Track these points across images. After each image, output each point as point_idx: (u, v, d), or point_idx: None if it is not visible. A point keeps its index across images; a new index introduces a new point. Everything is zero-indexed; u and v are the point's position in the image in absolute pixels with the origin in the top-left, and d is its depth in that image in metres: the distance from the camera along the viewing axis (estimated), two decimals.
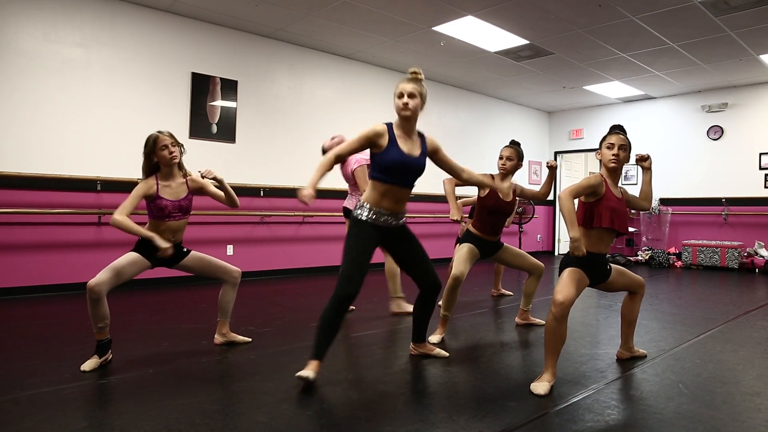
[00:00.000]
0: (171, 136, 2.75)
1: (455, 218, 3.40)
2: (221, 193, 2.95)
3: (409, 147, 2.50)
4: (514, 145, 3.50)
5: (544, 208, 10.07)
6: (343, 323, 2.39)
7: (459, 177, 2.81)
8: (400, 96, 2.45)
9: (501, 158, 3.45)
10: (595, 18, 5.34)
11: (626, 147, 2.55)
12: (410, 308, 4.00)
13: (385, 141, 2.45)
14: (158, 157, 2.73)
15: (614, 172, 2.58)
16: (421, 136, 2.60)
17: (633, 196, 2.76)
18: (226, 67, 5.81)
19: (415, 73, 2.51)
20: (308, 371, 2.32)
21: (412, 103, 2.46)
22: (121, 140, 5.08)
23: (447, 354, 2.86)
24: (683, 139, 8.52)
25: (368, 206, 2.49)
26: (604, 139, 2.59)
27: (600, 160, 2.62)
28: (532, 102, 9.46)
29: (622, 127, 2.64)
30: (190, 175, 2.88)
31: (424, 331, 2.83)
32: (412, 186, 2.55)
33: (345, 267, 2.40)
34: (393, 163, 2.43)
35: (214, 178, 2.85)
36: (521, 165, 3.48)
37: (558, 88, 8.37)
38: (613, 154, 2.53)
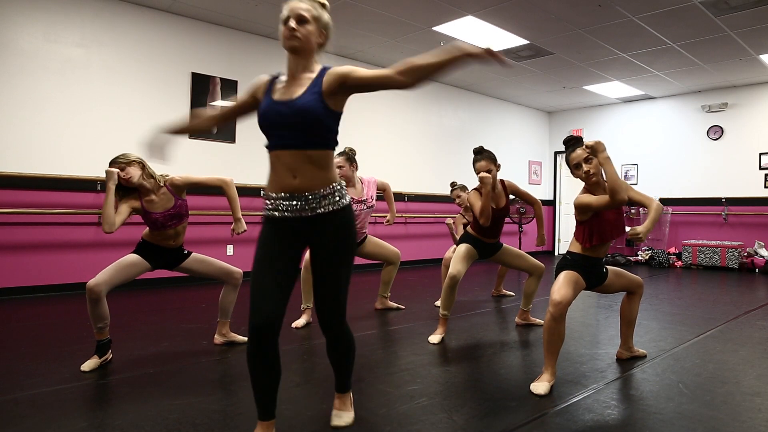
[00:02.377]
0: (117, 161, 2.59)
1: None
2: (209, 178, 2.83)
3: (284, 91, 1.72)
4: (485, 152, 3.31)
5: (545, 209, 10.07)
6: (272, 367, 1.68)
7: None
8: (286, 21, 1.68)
9: (479, 170, 3.29)
10: (595, 18, 5.34)
11: (590, 157, 2.44)
12: (393, 305, 4.25)
13: (261, 94, 1.78)
14: (127, 183, 2.62)
15: (597, 185, 2.50)
16: (322, 71, 1.74)
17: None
18: (226, 67, 5.81)
19: None
20: None
21: (302, 30, 1.68)
22: (121, 140, 5.08)
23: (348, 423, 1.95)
24: (683, 139, 8.52)
25: (266, 194, 1.77)
26: (566, 161, 2.51)
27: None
28: (532, 102, 9.46)
29: (573, 139, 2.54)
30: (166, 180, 2.75)
31: (340, 379, 1.97)
32: (300, 146, 1.66)
33: (250, 290, 1.73)
34: (261, 118, 1.71)
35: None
36: (500, 167, 3.40)
37: (558, 88, 8.37)
38: (584, 173, 2.46)
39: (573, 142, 2.55)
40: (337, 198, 1.74)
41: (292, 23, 1.67)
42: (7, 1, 4.49)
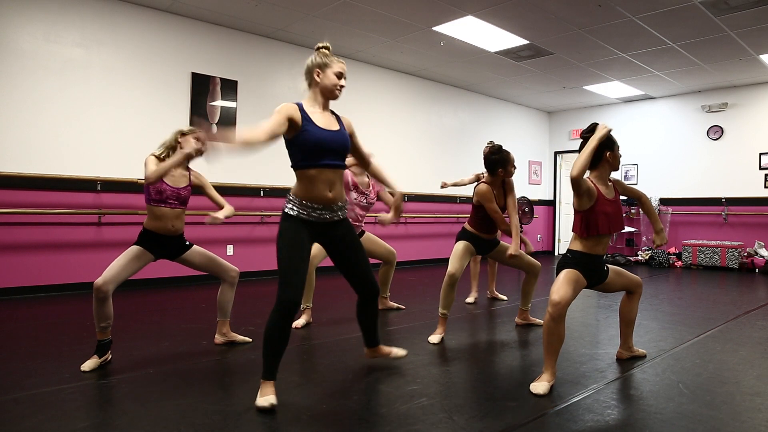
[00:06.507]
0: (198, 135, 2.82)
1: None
2: (218, 198, 2.99)
3: (325, 121, 2.25)
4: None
5: (544, 208, 10.07)
6: (288, 336, 2.14)
7: (366, 166, 2.53)
8: (339, 76, 2.26)
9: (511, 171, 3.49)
10: (595, 18, 5.33)
11: None
12: (393, 305, 4.27)
13: (299, 119, 2.17)
14: (189, 154, 2.67)
15: (607, 174, 2.59)
16: (334, 113, 2.35)
17: (621, 184, 2.72)
18: (226, 67, 5.81)
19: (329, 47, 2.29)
20: (267, 398, 2.06)
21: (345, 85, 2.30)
22: (121, 140, 5.08)
23: (404, 352, 2.74)
24: (683, 139, 8.52)
25: (297, 199, 2.23)
26: (612, 143, 2.55)
27: (609, 161, 2.55)
28: (532, 102, 9.46)
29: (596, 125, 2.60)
30: (193, 171, 2.94)
31: (374, 336, 2.64)
32: (342, 167, 2.28)
33: (280, 271, 2.15)
34: (315, 142, 2.17)
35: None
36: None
37: (558, 88, 8.37)
38: (619, 156, 2.61)
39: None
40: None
41: (343, 81, 2.27)
42: (7, 1, 4.49)
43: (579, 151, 2.57)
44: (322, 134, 2.19)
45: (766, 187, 7.66)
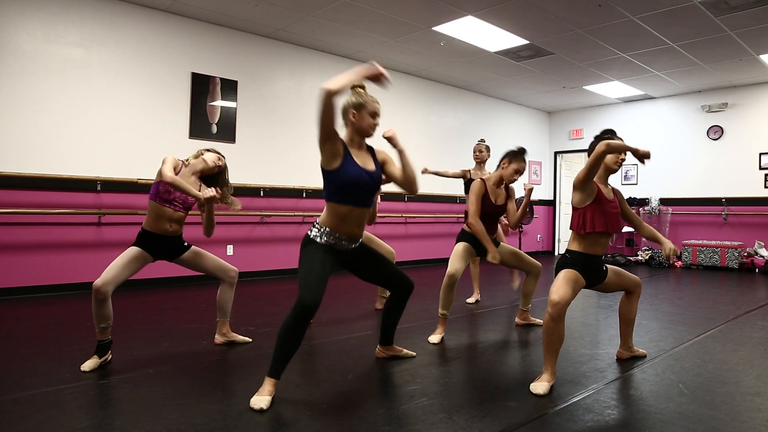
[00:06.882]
0: (221, 158, 2.95)
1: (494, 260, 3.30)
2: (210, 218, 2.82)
3: (363, 160, 2.38)
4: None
5: (544, 208, 10.07)
6: (301, 339, 2.18)
7: (412, 189, 2.52)
8: (374, 116, 2.37)
9: (520, 172, 3.39)
10: (595, 18, 5.34)
11: None
12: None
13: (341, 153, 2.29)
14: (206, 161, 2.87)
15: (604, 174, 2.62)
16: (369, 148, 2.49)
17: (623, 196, 2.77)
18: (226, 67, 5.81)
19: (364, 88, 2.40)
20: (263, 398, 2.09)
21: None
22: (121, 140, 5.08)
23: (414, 354, 2.87)
24: (683, 139, 8.52)
25: (327, 230, 2.35)
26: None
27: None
28: (532, 102, 9.46)
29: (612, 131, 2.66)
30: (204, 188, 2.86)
31: (392, 333, 2.80)
32: (370, 205, 2.42)
33: (302, 277, 2.22)
34: (353, 180, 2.29)
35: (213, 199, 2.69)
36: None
37: (558, 88, 8.37)
38: (621, 159, 2.59)
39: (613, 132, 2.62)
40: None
41: (378, 120, 2.39)
42: (7, 1, 4.49)
43: (588, 152, 2.60)
44: (360, 174, 2.30)
45: (766, 187, 7.66)
